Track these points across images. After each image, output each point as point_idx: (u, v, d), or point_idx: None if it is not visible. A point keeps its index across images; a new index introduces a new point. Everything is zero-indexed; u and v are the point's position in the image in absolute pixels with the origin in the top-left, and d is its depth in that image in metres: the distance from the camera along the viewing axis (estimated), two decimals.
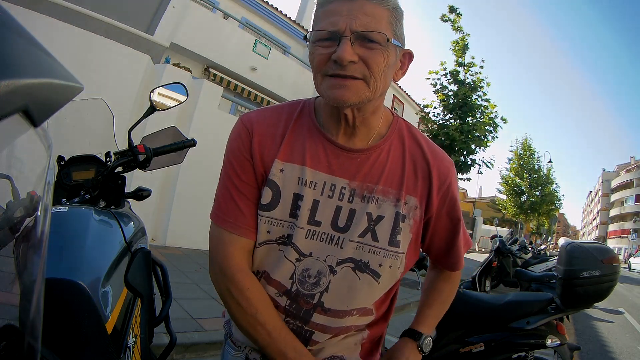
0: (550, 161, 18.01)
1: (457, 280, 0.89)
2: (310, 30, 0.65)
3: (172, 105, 1.28)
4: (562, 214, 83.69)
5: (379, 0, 0.61)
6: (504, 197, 18.41)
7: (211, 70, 8.25)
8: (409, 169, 0.71)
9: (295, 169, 0.69)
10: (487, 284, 5.38)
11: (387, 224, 0.68)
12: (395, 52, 0.65)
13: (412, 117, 13.85)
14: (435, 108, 7.49)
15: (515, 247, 6.58)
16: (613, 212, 51.67)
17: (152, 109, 1.22)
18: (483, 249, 19.48)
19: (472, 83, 7.10)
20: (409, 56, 0.70)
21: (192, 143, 1.26)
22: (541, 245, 16.93)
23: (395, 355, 0.80)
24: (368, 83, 0.63)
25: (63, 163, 1.13)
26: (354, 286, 0.69)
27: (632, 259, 24.81)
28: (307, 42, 0.65)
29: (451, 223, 0.76)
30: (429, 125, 7.58)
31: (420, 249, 0.79)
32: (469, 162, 6.97)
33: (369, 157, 0.70)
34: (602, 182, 57.76)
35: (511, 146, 18.06)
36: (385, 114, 0.74)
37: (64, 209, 0.86)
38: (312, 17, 0.66)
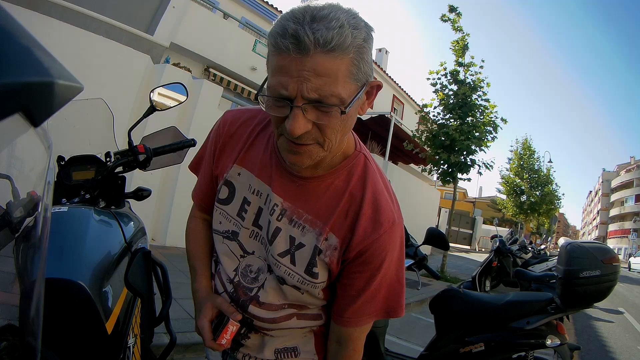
0: (550, 161, 17.99)
1: (350, 345, 0.74)
2: (265, 45, 0.67)
3: (172, 105, 1.28)
4: (562, 214, 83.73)
5: (336, 52, 0.52)
6: (504, 197, 18.39)
7: (211, 70, 8.26)
8: (341, 208, 0.68)
9: (248, 176, 0.75)
10: (487, 284, 5.38)
11: (306, 253, 0.69)
12: (357, 100, 0.59)
13: (412, 117, 13.86)
14: (435, 108, 7.48)
15: (515, 247, 6.58)
16: (613, 212, 51.67)
17: (152, 109, 1.22)
18: (483, 249, 19.48)
19: (472, 83, 7.08)
20: (377, 87, 0.63)
21: (192, 143, 1.26)
22: (541, 245, 16.93)
23: None
24: (322, 146, 0.61)
25: (63, 163, 1.13)
26: (283, 292, 0.73)
27: (632, 259, 24.82)
28: (258, 99, 0.61)
29: (362, 283, 0.69)
30: (429, 125, 7.58)
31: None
32: (468, 162, 6.97)
33: (308, 184, 0.70)
34: (602, 182, 57.76)
35: (511, 146, 18.06)
36: (345, 150, 0.70)
37: (64, 209, 0.86)
38: (266, 62, 0.59)
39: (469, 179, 7.33)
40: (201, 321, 0.74)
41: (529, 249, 8.20)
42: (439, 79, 7.37)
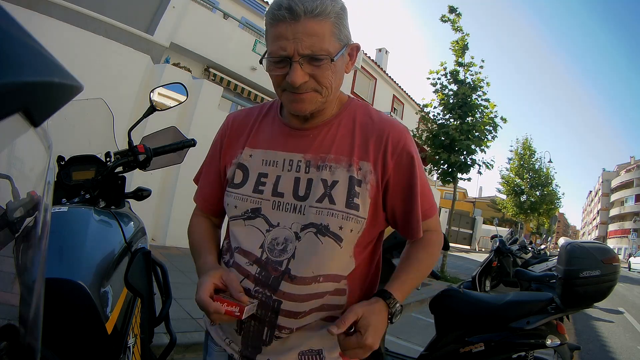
0: (550, 161, 17.97)
1: (434, 249, 0.82)
2: (265, 45, 0.73)
3: (172, 105, 1.28)
4: (562, 214, 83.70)
5: (320, 16, 0.66)
6: (504, 197, 18.38)
7: (211, 70, 8.26)
8: (358, 138, 0.76)
9: (260, 153, 0.80)
10: (487, 283, 5.38)
11: (342, 187, 0.73)
12: (342, 57, 0.72)
13: (412, 117, 13.86)
14: (435, 108, 7.49)
15: (515, 247, 6.58)
16: (613, 212, 51.66)
17: (152, 109, 1.22)
18: (483, 249, 19.48)
19: (472, 83, 7.09)
20: (356, 49, 0.76)
21: (192, 143, 1.26)
22: (541, 245, 16.91)
23: (359, 310, 0.69)
24: (320, 92, 0.72)
25: (63, 163, 1.13)
26: (318, 251, 0.72)
27: (632, 259, 24.81)
28: (262, 63, 0.73)
29: (408, 185, 0.76)
30: (429, 124, 7.58)
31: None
32: (468, 162, 6.97)
33: (320, 132, 0.78)
34: (602, 182, 57.75)
35: (511, 146, 18.06)
36: (340, 99, 0.82)
37: (64, 209, 0.86)
38: (265, 36, 0.73)
39: (469, 179, 7.33)
40: (201, 294, 0.69)
41: (529, 249, 8.19)
42: (438, 79, 7.38)
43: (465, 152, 6.96)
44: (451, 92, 7.19)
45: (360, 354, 0.68)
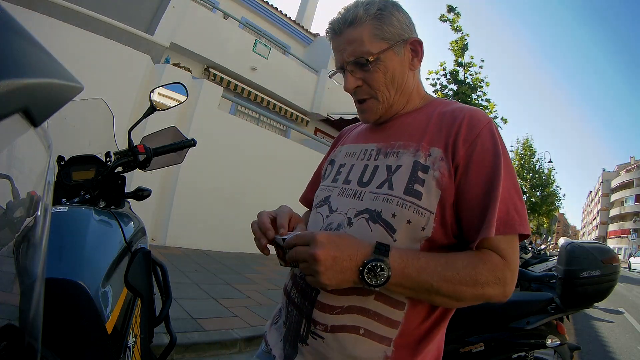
0: (550, 161, 17.97)
1: (485, 276, 0.59)
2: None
3: (172, 105, 1.28)
4: (562, 214, 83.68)
5: (355, 23, 0.71)
6: None
7: (211, 70, 8.25)
8: (433, 124, 0.70)
9: (345, 148, 0.84)
10: None
11: (404, 172, 0.66)
12: (393, 55, 0.72)
13: None
14: None
15: None
16: (613, 212, 51.65)
17: (152, 109, 1.22)
18: None
19: (471, 83, 7.09)
20: (418, 43, 0.75)
21: (192, 143, 1.26)
22: (541, 245, 16.91)
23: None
24: (377, 98, 0.74)
25: (63, 163, 1.13)
26: (366, 239, 0.63)
27: (632, 259, 24.81)
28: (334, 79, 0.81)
29: (483, 180, 0.62)
30: None
31: None
32: None
33: (397, 122, 0.77)
34: (602, 182, 57.74)
35: (511, 146, 18.05)
36: (425, 97, 0.81)
37: (64, 209, 0.86)
38: None
39: None
40: (264, 216, 0.71)
41: (529, 249, 8.19)
42: (438, 79, 7.38)
43: None
44: (451, 92, 7.20)
45: (306, 269, 0.59)
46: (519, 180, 17.03)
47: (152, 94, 1.23)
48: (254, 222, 0.72)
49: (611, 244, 44.44)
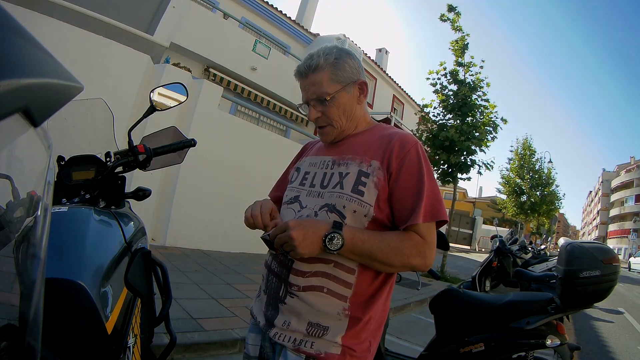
0: (550, 161, 17.95)
1: (409, 248, 0.83)
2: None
3: (172, 105, 1.28)
4: (562, 214, 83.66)
5: (318, 69, 0.93)
6: (504, 197, 18.37)
7: (211, 70, 8.25)
8: (374, 144, 0.93)
9: (309, 158, 1.04)
10: (487, 284, 5.38)
11: (351, 177, 0.89)
12: (344, 94, 0.95)
13: (412, 117, 13.85)
14: (434, 108, 7.48)
15: (515, 247, 6.58)
16: (613, 212, 51.64)
17: (152, 109, 1.22)
18: (483, 249, 19.46)
19: (471, 83, 7.07)
20: (364, 84, 0.99)
21: (192, 143, 1.26)
22: (541, 245, 16.91)
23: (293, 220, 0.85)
24: (333, 125, 0.97)
25: (63, 163, 1.13)
26: (329, 217, 0.87)
27: (632, 259, 24.81)
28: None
29: (414, 181, 0.87)
30: (429, 125, 7.57)
31: None
32: (468, 163, 6.96)
33: (348, 141, 0.99)
34: (602, 182, 57.73)
35: (511, 146, 18.06)
36: (369, 123, 1.04)
37: (64, 209, 0.86)
38: None
39: (468, 179, 7.33)
40: (265, 207, 0.93)
41: (529, 249, 8.19)
42: (438, 79, 7.37)
43: (465, 153, 6.95)
44: (451, 93, 7.19)
45: (287, 247, 0.81)
46: (519, 180, 17.03)
47: (152, 94, 1.23)
48: (250, 209, 0.94)
49: (611, 244, 44.42)
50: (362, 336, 0.86)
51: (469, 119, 6.98)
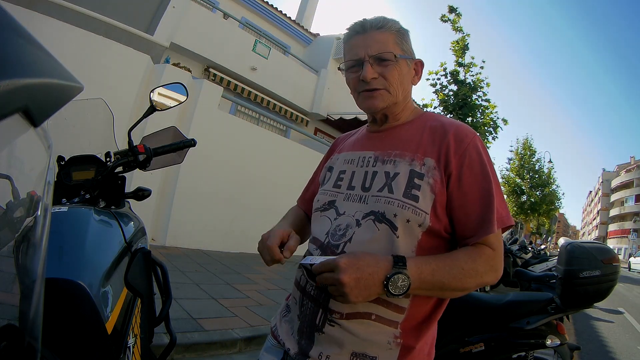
0: (550, 161, 17.95)
1: (482, 265, 0.71)
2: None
3: (172, 105, 1.28)
4: (562, 214, 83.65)
5: (383, 28, 0.81)
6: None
7: (211, 70, 8.25)
8: (426, 137, 0.81)
9: (343, 156, 0.92)
10: None
11: (402, 179, 0.76)
12: (406, 64, 0.83)
13: None
14: (435, 108, 7.48)
15: (515, 247, 6.58)
16: (613, 212, 51.63)
17: (152, 109, 1.22)
18: None
19: (472, 83, 7.08)
20: (420, 64, 0.87)
21: (192, 143, 1.26)
22: (541, 245, 16.91)
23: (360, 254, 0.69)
24: (389, 90, 0.81)
25: (63, 163, 1.13)
26: (374, 237, 0.74)
27: (632, 259, 24.80)
28: (342, 71, 0.87)
29: (476, 186, 0.74)
30: None
31: None
32: None
33: (392, 132, 0.86)
34: (602, 182, 57.73)
35: (511, 146, 18.06)
36: (416, 110, 0.90)
37: (64, 209, 0.86)
38: (342, 52, 0.88)
39: None
40: (271, 240, 0.80)
41: (529, 249, 8.18)
42: (438, 79, 7.37)
43: None
44: (451, 93, 7.19)
45: (335, 291, 0.67)
46: (519, 180, 17.03)
47: (152, 94, 1.23)
48: (263, 245, 0.83)
49: (611, 244, 44.43)
50: None
51: (469, 119, 6.97)
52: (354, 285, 0.65)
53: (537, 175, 17.15)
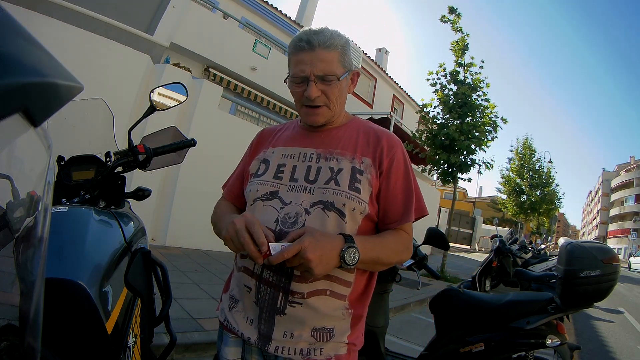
0: (550, 161, 17.93)
1: (402, 244, 0.90)
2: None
3: (172, 105, 1.28)
4: (562, 214, 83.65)
5: (329, 48, 0.87)
6: (504, 196, 18.34)
7: (211, 70, 8.25)
8: (361, 140, 0.94)
9: (280, 150, 0.98)
10: (487, 283, 5.38)
11: (346, 174, 0.88)
12: (345, 79, 0.92)
13: (412, 117, 13.84)
14: (434, 107, 7.47)
15: (515, 247, 6.57)
16: (613, 211, 51.64)
17: (152, 109, 1.22)
18: (483, 249, 19.47)
19: (471, 83, 7.06)
20: (356, 75, 0.97)
21: (191, 143, 1.26)
22: (541, 245, 16.90)
23: (315, 231, 0.77)
24: (329, 107, 0.91)
25: (63, 163, 1.13)
26: (325, 223, 0.84)
27: (632, 259, 24.80)
28: (287, 83, 0.93)
29: (401, 182, 0.91)
30: (429, 125, 7.57)
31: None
32: (468, 162, 6.95)
33: (329, 133, 0.96)
34: (602, 181, 57.74)
35: (511, 146, 18.05)
36: (347, 116, 1.01)
37: (64, 209, 0.86)
38: (288, 62, 0.95)
39: (469, 179, 7.32)
40: (238, 222, 0.77)
41: (529, 248, 8.19)
42: (438, 79, 7.36)
43: (465, 152, 6.95)
44: (451, 92, 7.18)
45: (301, 268, 0.75)
46: (519, 179, 17.01)
47: (152, 94, 1.23)
48: (232, 229, 0.78)
49: (611, 243, 44.42)
50: (360, 330, 0.91)
51: (469, 118, 6.97)
52: (318, 261, 0.74)
53: (537, 175, 17.13)
